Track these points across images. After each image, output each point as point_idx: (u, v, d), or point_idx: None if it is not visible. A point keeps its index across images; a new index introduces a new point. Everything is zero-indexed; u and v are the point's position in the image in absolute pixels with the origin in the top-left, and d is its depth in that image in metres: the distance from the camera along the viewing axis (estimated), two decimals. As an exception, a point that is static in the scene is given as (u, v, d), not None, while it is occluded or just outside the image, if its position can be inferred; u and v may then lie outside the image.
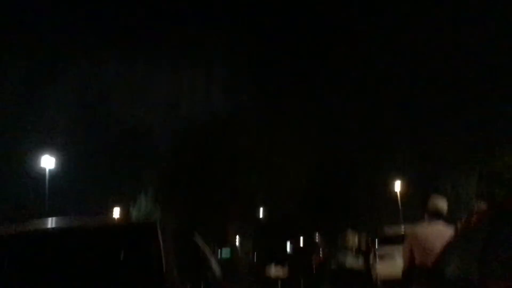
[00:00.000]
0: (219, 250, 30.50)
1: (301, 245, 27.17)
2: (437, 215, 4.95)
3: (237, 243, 36.72)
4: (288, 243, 31.41)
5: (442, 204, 4.99)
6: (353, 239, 10.21)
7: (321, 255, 25.56)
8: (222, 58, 42.01)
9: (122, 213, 37.41)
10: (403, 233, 9.27)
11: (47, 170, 30.76)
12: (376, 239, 12.77)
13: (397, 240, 9.40)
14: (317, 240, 27.56)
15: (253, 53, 42.73)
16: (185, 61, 42.46)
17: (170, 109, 40.49)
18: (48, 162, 31.05)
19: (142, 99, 41.70)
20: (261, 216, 39.81)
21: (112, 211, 37.95)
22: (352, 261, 9.88)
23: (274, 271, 24.33)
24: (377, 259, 11.39)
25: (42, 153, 31.53)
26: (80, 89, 41.16)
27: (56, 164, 32.06)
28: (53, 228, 3.38)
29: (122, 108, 39.59)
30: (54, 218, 3.60)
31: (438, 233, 4.68)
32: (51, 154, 31.68)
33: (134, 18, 68.86)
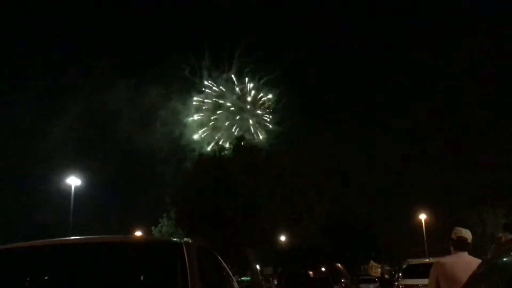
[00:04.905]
0: (239, 278, 30.11)
1: (323, 274, 26.78)
2: (461, 246, 4.88)
3: (257, 269, 36.34)
4: (310, 272, 30.96)
5: (465, 234, 4.92)
6: (375, 270, 10.09)
7: (343, 285, 25.16)
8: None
9: (144, 234, 37.49)
10: (427, 262, 9.07)
11: (72, 188, 31.21)
12: (400, 270, 12.54)
13: (421, 271, 9.22)
14: (339, 270, 27.08)
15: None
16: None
17: (196, 134, 40.95)
18: (74, 181, 31.53)
19: (170, 125, 42.47)
20: (283, 243, 39.42)
21: (134, 232, 38.13)
22: None
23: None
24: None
25: (68, 175, 32.03)
26: (109, 115, 42.43)
27: (81, 185, 32.54)
28: (86, 243, 3.47)
29: (149, 133, 40.33)
30: (84, 237, 3.69)
31: (465, 264, 4.61)
32: (76, 176, 32.16)
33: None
